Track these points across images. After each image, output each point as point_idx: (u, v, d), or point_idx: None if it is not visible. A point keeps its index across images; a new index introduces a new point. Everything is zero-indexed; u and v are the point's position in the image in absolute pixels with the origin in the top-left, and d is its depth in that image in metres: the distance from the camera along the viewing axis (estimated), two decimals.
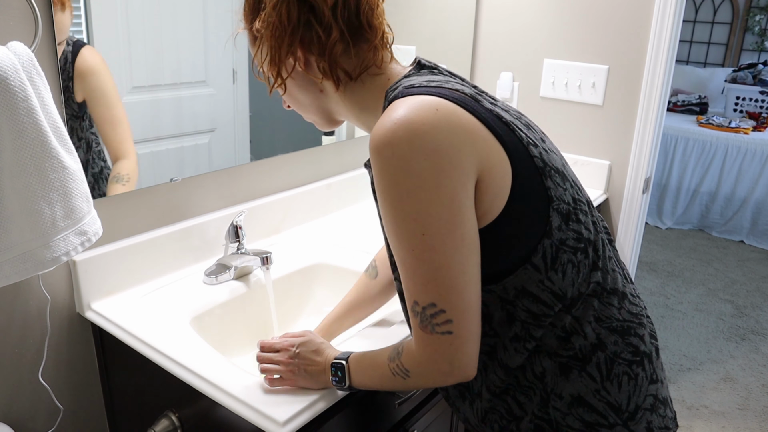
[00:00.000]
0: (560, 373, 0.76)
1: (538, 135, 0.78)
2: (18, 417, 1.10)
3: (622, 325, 0.78)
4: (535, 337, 0.75)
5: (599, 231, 0.80)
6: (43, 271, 0.91)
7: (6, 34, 0.94)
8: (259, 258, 1.22)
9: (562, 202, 0.74)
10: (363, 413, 1.02)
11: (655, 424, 0.80)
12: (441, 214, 0.66)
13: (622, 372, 0.77)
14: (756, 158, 3.87)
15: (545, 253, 0.72)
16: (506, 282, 0.73)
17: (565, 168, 0.79)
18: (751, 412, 2.31)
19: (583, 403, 0.76)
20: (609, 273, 0.79)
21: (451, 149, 0.66)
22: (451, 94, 0.70)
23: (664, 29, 1.73)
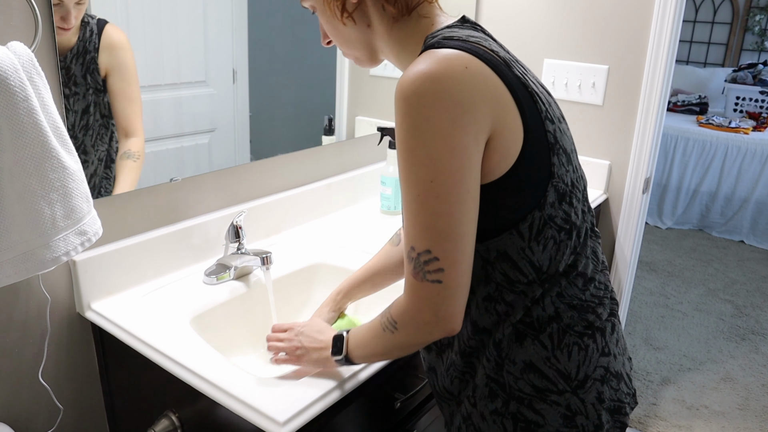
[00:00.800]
0: (515, 340, 0.79)
1: (557, 114, 0.79)
2: (18, 417, 1.10)
3: (581, 303, 0.81)
4: (506, 301, 0.78)
5: (585, 220, 0.82)
6: (43, 271, 0.91)
7: (6, 34, 0.94)
8: (259, 258, 1.22)
9: (561, 181, 0.76)
10: (363, 413, 1.02)
11: (606, 395, 0.82)
12: (452, 165, 0.68)
13: (572, 342, 0.80)
14: (756, 158, 3.87)
15: (533, 223, 0.75)
16: (490, 243, 0.76)
17: (573, 153, 0.81)
18: (751, 412, 2.31)
19: (535, 369, 0.79)
20: (583, 258, 0.81)
21: (472, 106, 0.68)
22: (485, 53, 0.72)
23: (664, 29, 1.73)
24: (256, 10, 1.37)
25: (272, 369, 1.21)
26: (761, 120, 4.20)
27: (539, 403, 0.80)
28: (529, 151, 0.72)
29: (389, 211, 1.69)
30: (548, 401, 0.80)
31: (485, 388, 0.82)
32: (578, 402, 0.80)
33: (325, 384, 0.92)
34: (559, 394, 0.80)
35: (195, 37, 1.26)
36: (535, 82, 0.79)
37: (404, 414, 1.15)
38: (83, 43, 1.08)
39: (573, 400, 0.80)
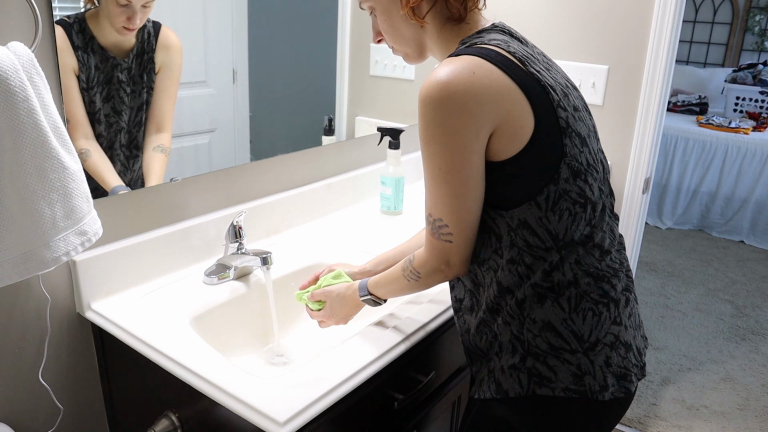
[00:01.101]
0: (537, 301, 0.89)
1: (572, 103, 0.91)
2: (18, 417, 1.10)
3: (597, 272, 0.91)
4: (527, 264, 0.89)
5: (603, 198, 0.93)
6: (43, 271, 0.91)
7: (6, 34, 0.94)
8: (259, 258, 1.22)
9: (575, 160, 0.87)
10: (363, 413, 1.02)
11: (614, 360, 0.91)
12: (454, 157, 0.84)
13: (587, 308, 0.90)
14: (756, 158, 3.87)
15: (548, 196, 0.86)
16: (513, 212, 0.88)
17: (589, 138, 0.92)
18: (751, 412, 2.31)
19: (552, 329, 0.89)
20: (600, 231, 0.91)
21: (475, 108, 0.82)
22: (497, 56, 0.85)
23: (664, 29, 1.73)
24: (256, 10, 1.37)
25: (272, 369, 1.21)
26: (761, 120, 4.20)
27: (553, 360, 0.89)
28: (541, 134, 0.85)
29: (389, 212, 1.69)
30: (561, 359, 0.89)
31: (508, 344, 0.92)
32: (588, 363, 0.89)
33: (325, 384, 0.92)
34: (572, 353, 0.89)
35: (195, 37, 1.26)
36: (555, 76, 0.91)
37: (404, 414, 1.15)
38: (142, 44, 1.16)
39: (583, 361, 0.89)
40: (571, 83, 0.96)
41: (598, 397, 0.89)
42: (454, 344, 1.28)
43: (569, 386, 0.89)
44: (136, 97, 1.18)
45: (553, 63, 0.96)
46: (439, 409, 1.27)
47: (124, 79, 1.15)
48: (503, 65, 0.84)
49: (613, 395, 0.91)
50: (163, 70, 1.20)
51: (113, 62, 1.13)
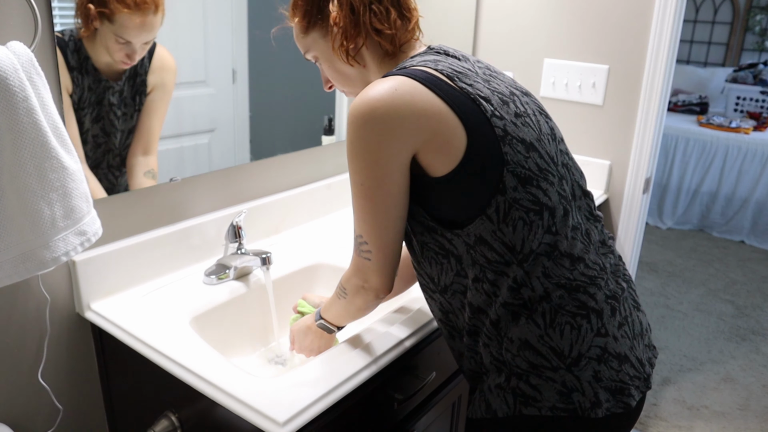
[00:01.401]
0: (511, 319, 0.87)
1: (514, 110, 0.89)
2: (18, 417, 1.10)
3: (569, 282, 0.87)
4: (490, 281, 0.87)
5: (565, 203, 0.89)
6: (43, 271, 0.91)
7: (6, 34, 0.94)
8: (259, 258, 1.22)
9: (520, 167, 0.85)
10: (363, 414, 1.02)
11: (605, 374, 0.86)
12: (375, 173, 0.85)
13: (564, 322, 0.86)
14: (756, 158, 3.87)
15: (498, 207, 0.84)
16: (468, 229, 0.86)
17: (540, 142, 0.89)
18: (752, 412, 2.31)
19: (530, 347, 0.86)
20: (566, 239, 0.88)
21: (396, 124, 0.82)
22: (423, 74, 0.85)
23: (664, 29, 1.73)
24: (256, 10, 1.37)
25: (272, 369, 1.21)
26: (762, 120, 4.20)
27: (535, 379, 0.86)
28: (475, 146, 0.83)
29: None
30: (543, 377, 0.85)
31: (490, 365, 0.91)
32: (573, 379, 0.85)
33: (325, 384, 0.92)
34: (554, 370, 0.85)
35: (195, 37, 1.26)
36: (496, 86, 0.90)
37: (404, 414, 1.15)
38: (135, 67, 1.15)
39: (568, 377, 0.85)
40: (520, 90, 0.94)
41: (590, 414, 0.85)
42: None
43: (556, 404, 0.85)
44: (127, 119, 1.17)
45: (497, 74, 0.94)
46: (439, 409, 1.27)
47: (115, 101, 1.14)
48: (428, 83, 0.84)
49: (609, 411, 0.86)
50: (155, 91, 1.19)
51: (105, 84, 1.12)
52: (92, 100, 1.10)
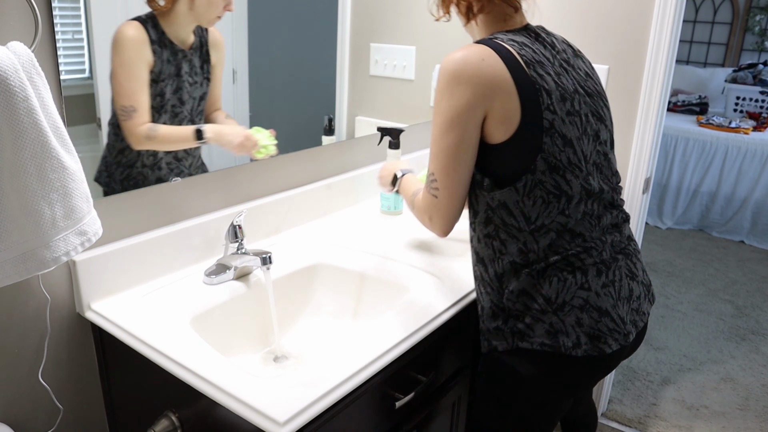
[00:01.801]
0: (513, 275, 1.06)
1: (568, 108, 1.03)
2: (18, 417, 1.10)
3: (566, 252, 1.04)
4: (501, 239, 1.06)
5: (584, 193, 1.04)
6: (43, 271, 0.91)
7: (6, 34, 0.94)
8: (259, 258, 1.22)
9: (552, 157, 1.00)
10: (363, 413, 1.02)
11: (585, 322, 1.04)
12: (447, 118, 1.01)
13: (553, 275, 1.04)
14: (756, 158, 3.87)
15: (526, 183, 1.01)
16: (495, 194, 1.04)
17: (580, 141, 1.04)
18: (752, 412, 2.31)
19: (526, 294, 1.05)
20: (574, 221, 1.04)
21: (477, 86, 0.98)
22: (507, 54, 1.00)
23: (664, 29, 1.73)
24: (256, 10, 1.37)
25: (272, 369, 1.21)
26: (761, 120, 4.20)
27: (529, 319, 1.05)
28: (523, 130, 0.99)
29: (389, 212, 1.69)
30: (535, 318, 1.05)
31: (489, 310, 1.11)
32: (559, 321, 1.04)
33: (325, 384, 0.92)
34: (543, 312, 1.04)
35: None
36: (563, 81, 1.04)
37: (404, 414, 1.15)
38: (199, 38, 1.25)
39: (554, 320, 1.04)
40: (586, 90, 1.08)
41: (570, 352, 1.04)
42: (454, 344, 1.28)
43: (544, 341, 1.05)
44: (197, 87, 1.27)
45: (571, 68, 1.08)
46: (439, 409, 1.27)
47: (187, 70, 1.24)
48: (509, 62, 0.99)
49: (586, 353, 1.04)
50: (216, 64, 1.30)
51: (181, 54, 1.21)
52: (171, 71, 1.20)
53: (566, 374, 1.08)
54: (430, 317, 1.13)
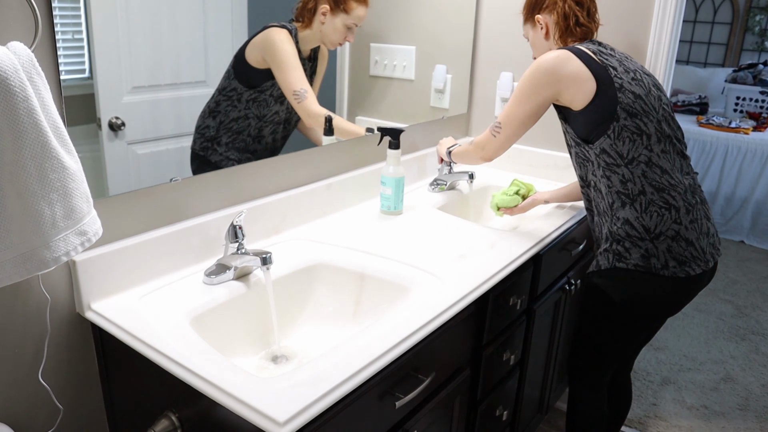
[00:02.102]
0: (620, 205, 1.38)
1: (632, 76, 1.39)
2: (18, 417, 1.10)
3: (659, 185, 1.35)
4: (607, 177, 1.39)
5: (660, 133, 1.37)
6: (43, 271, 0.91)
7: (6, 34, 0.94)
8: (259, 258, 1.22)
9: (628, 106, 1.35)
10: (363, 413, 1.02)
11: (674, 249, 1.34)
12: (527, 97, 1.45)
13: (653, 210, 1.34)
14: (756, 158, 3.87)
15: (614, 130, 1.35)
16: (595, 144, 1.39)
17: (648, 96, 1.38)
18: (751, 412, 2.31)
19: (629, 223, 1.36)
20: (656, 155, 1.35)
21: (554, 75, 1.40)
22: (579, 52, 1.40)
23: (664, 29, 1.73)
24: (256, 10, 1.37)
25: (272, 369, 1.21)
26: (761, 120, 4.20)
27: (628, 244, 1.36)
28: (600, 92, 1.36)
29: (389, 212, 1.69)
30: (634, 243, 1.36)
31: (604, 235, 1.43)
32: (653, 248, 1.34)
33: (325, 384, 0.92)
34: (641, 240, 1.35)
35: (195, 37, 1.26)
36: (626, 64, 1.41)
37: (404, 414, 1.15)
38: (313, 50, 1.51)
39: (650, 246, 1.34)
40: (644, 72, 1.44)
41: (659, 272, 1.34)
42: (454, 344, 1.28)
43: (638, 263, 1.35)
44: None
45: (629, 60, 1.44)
46: (439, 409, 1.27)
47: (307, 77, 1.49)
48: (579, 55, 1.39)
49: (674, 274, 1.34)
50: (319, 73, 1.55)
51: (305, 65, 1.48)
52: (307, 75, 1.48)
53: (654, 291, 1.37)
54: (430, 317, 1.13)
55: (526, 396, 1.75)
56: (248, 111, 1.39)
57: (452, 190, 1.94)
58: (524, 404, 1.76)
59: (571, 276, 1.83)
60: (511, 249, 1.46)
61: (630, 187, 1.35)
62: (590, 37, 1.51)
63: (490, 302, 1.36)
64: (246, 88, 1.36)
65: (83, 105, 1.11)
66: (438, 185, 1.92)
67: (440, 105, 2.08)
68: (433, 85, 2.03)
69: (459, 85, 2.14)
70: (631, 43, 1.80)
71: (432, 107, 2.06)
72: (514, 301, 1.48)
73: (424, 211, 1.73)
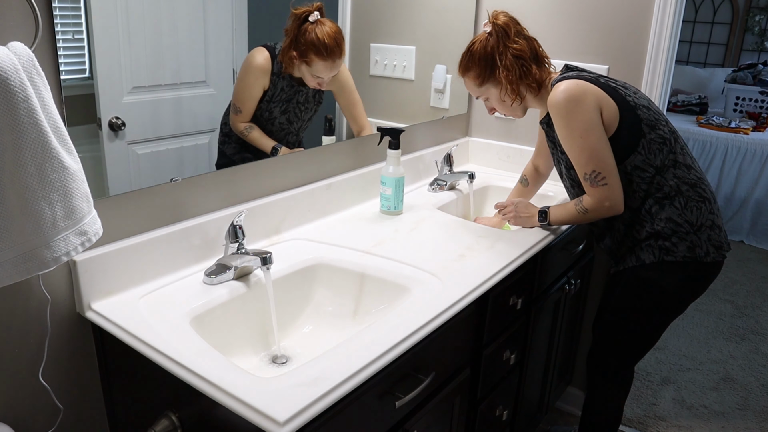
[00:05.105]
0: (659, 207, 1.45)
1: (633, 90, 1.48)
2: (18, 417, 1.10)
3: (690, 180, 1.46)
4: (643, 189, 1.45)
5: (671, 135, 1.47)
6: (44, 271, 0.91)
7: (6, 34, 0.94)
8: (259, 258, 1.22)
9: (648, 119, 1.44)
10: (363, 413, 1.02)
11: (713, 237, 1.46)
12: (587, 127, 1.40)
13: (693, 205, 1.45)
14: (756, 158, 3.87)
15: (643, 145, 1.44)
16: (627, 161, 1.44)
17: (650, 105, 1.47)
18: (751, 412, 2.31)
19: (672, 221, 1.45)
20: (678, 155, 1.46)
21: (589, 102, 1.40)
22: (584, 76, 1.44)
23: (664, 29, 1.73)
24: (256, 10, 1.37)
25: (272, 369, 1.21)
26: (761, 120, 4.20)
27: (675, 239, 1.45)
28: (623, 114, 1.42)
29: (389, 212, 1.69)
30: (681, 238, 1.45)
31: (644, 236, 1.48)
32: (697, 239, 1.45)
33: (325, 384, 0.92)
34: (686, 233, 1.45)
35: (195, 37, 1.26)
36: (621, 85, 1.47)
37: (404, 414, 1.15)
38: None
39: (694, 238, 1.45)
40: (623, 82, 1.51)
41: (704, 259, 1.46)
42: (454, 344, 1.28)
43: (686, 254, 1.45)
44: (308, 111, 1.57)
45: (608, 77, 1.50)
46: (439, 408, 1.27)
47: (300, 100, 1.53)
48: (590, 81, 1.43)
49: (714, 259, 1.47)
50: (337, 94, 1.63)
51: (296, 89, 1.51)
52: (283, 97, 1.48)
53: (700, 276, 1.49)
54: (430, 317, 1.13)
55: (526, 396, 1.76)
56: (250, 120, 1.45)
57: (452, 190, 1.94)
58: (524, 404, 1.76)
59: (570, 276, 1.83)
60: (511, 249, 1.46)
61: (666, 190, 1.44)
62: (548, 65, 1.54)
63: (490, 302, 1.36)
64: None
65: (83, 105, 1.11)
66: (438, 185, 1.92)
67: (440, 105, 2.08)
68: (433, 85, 2.03)
69: (459, 85, 2.14)
70: (631, 43, 1.80)
71: (432, 107, 2.06)
72: (513, 301, 1.48)
73: (424, 211, 1.73)
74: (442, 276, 1.30)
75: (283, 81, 1.46)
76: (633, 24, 1.79)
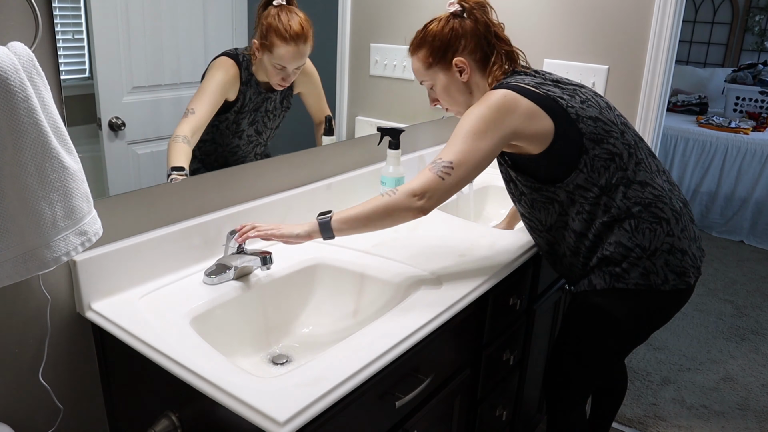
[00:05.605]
0: (608, 231, 1.28)
1: (579, 98, 1.29)
2: (18, 417, 1.10)
3: (644, 200, 1.27)
4: (587, 211, 1.28)
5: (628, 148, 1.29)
6: (44, 271, 0.91)
7: (6, 34, 0.94)
8: (259, 258, 1.22)
9: (592, 134, 1.25)
10: (363, 413, 1.02)
11: (672, 262, 1.28)
12: (483, 129, 1.22)
13: (645, 227, 1.27)
14: (756, 158, 3.87)
15: (586, 162, 1.25)
16: (568, 180, 1.27)
17: (602, 114, 1.28)
18: (751, 412, 2.31)
19: (621, 245, 1.27)
20: (630, 172, 1.28)
21: (503, 114, 1.22)
22: (517, 87, 1.24)
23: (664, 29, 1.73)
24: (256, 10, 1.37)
25: (272, 369, 1.21)
26: (761, 120, 4.20)
27: (626, 265, 1.27)
28: (560, 129, 1.24)
29: None
30: (631, 263, 1.27)
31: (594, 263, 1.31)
32: (651, 265, 1.27)
33: (325, 384, 0.92)
34: (638, 259, 1.27)
35: (195, 37, 1.26)
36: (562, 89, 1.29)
37: (404, 414, 1.15)
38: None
39: (648, 264, 1.27)
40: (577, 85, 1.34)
41: (660, 288, 1.27)
42: (454, 344, 1.28)
43: (638, 281, 1.27)
44: (276, 118, 1.48)
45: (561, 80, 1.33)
46: (439, 408, 1.27)
47: (269, 107, 1.44)
48: (522, 92, 1.24)
49: (675, 287, 1.28)
50: (305, 95, 1.53)
51: (264, 96, 1.42)
52: (251, 107, 1.40)
53: (654, 306, 1.33)
54: (430, 317, 1.13)
55: (526, 396, 1.76)
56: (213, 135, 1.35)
57: None
58: (524, 405, 1.76)
59: None
60: (511, 249, 1.46)
61: (614, 211, 1.26)
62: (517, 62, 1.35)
63: (490, 302, 1.36)
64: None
65: (83, 105, 1.11)
66: None
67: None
68: None
69: None
70: (631, 43, 1.81)
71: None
72: (514, 301, 1.48)
73: None
74: (443, 276, 1.30)
75: (250, 89, 1.37)
76: (633, 24, 1.79)
